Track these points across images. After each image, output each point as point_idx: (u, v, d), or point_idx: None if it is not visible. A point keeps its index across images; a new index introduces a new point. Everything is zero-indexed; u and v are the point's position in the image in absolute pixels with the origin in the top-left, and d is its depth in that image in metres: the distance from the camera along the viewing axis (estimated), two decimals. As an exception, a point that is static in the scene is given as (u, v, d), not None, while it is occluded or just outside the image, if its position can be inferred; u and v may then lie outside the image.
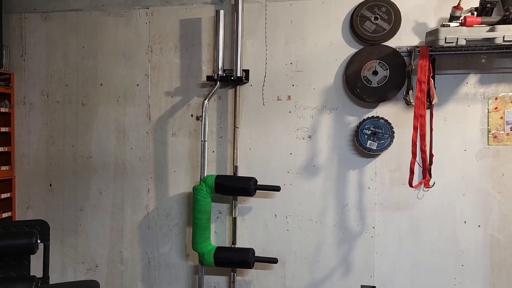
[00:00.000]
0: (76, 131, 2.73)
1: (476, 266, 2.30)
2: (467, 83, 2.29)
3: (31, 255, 2.02)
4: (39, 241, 1.95)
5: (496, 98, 2.26)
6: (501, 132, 2.25)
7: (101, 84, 2.70)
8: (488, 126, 2.26)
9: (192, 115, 2.61)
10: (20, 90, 2.78)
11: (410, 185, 2.06)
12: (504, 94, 2.26)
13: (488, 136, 2.27)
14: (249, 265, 2.41)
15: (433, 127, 2.21)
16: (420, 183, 2.17)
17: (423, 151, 2.07)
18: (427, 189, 2.32)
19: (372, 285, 2.36)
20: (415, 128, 2.04)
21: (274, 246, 2.53)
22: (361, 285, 1.74)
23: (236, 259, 2.43)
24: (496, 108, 2.26)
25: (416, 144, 2.03)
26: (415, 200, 2.36)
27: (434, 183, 2.29)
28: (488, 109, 2.27)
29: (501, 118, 2.25)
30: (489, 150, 2.27)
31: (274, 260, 2.45)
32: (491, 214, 2.28)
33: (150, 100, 2.64)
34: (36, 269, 2.12)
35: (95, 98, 2.70)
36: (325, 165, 2.46)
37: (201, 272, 2.50)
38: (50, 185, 2.76)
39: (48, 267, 2.04)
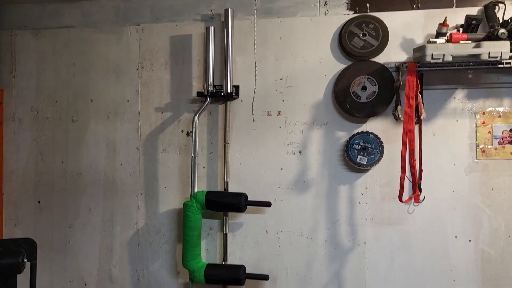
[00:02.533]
0: (66, 148, 2.72)
1: (467, 281, 2.29)
2: (455, 98, 2.32)
3: (17, 275, 1.98)
4: (25, 260, 1.92)
5: (484, 113, 2.28)
6: (489, 146, 2.26)
7: (92, 100, 2.69)
8: (476, 140, 2.28)
9: (182, 131, 2.60)
10: (9, 107, 2.76)
11: (400, 200, 2.07)
12: (491, 108, 2.29)
13: (476, 151, 2.28)
14: (240, 283, 2.39)
15: (422, 142, 2.22)
16: (410, 198, 2.17)
17: (412, 166, 2.08)
18: (417, 204, 2.32)
19: (364, 301, 2.35)
20: (404, 143, 2.05)
21: (266, 263, 2.51)
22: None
23: (227, 276, 2.40)
24: (484, 122, 2.28)
25: (406, 159, 2.04)
26: (405, 215, 2.36)
27: (424, 197, 2.30)
28: (476, 124, 2.29)
29: (489, 132, 2.27)
30: (478, 165, 2.29)
31: (265, 277, 2.43)
32: (481, 229, 2.28)
33: (141, 116, 2.64)
34: (23, 288, 2.09)
35: (85, 115, 2.70)
36: (316, 180, 2.46)
37: (192, 290, 2.47)
38: (39, 202, 2.73)
39: (34, 286, 2.00)
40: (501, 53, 1.93)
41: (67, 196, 2.71)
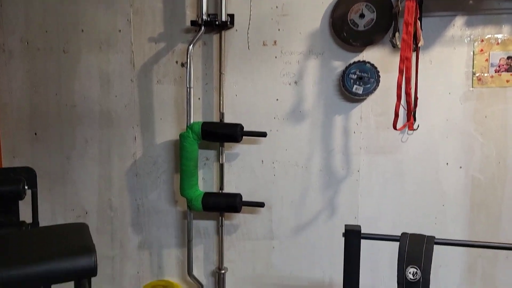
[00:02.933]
0: (59, 79, 2.68)
1: (456, 206, 2.37)
2: (454, 25, 2.28)
3: (19, 203, 2.03)
4: (26, 187, 1.96)
5: (482, 40, 2.26)
6: (485, 74, 2.26)
7: (83, 31, 2.62)
8: (473, 68, 2.27)
9: (177, 62, 2.56)
10: (-2, 37, 2.69)
11: (395, 127, 2.09)
12: (490, 36, 2.26)
13: (472, 79, 2.28)
14: (236, 210, 2.46)
15: (418, 70, 2.21)
16: (404, 126, 2.20)
17: (408, 94, 2.08)
18: (412, 132, 2.35)
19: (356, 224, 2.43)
20: (400, 71, 2.03)
21: (261, 191, 2.57)
22: (345, 225, 1.79)
23: (224, 203, 2.47)
24: (481, 50, 2.26)
25: (401, 87, 2.04)
26: (399, 144, 2.40)
27: (418, 126, 2.33)
28: (473, 52, 2.27)
29: (486, 60, 2.25)
30: (473, 93, 2.29)
31: (261, 204, 2.50)
32: (473, 156, 2.33)
33: (134, 46, 2.59)
34: (25, 216, 2.15)
35: (76, 45, 2.64)
36: (311, 111, 2.47)
37: (190, 217, 2.55)
38: (35, 134, 2.74)
39: (37, 213, 2.06)
40: (504, -25, 1.88)
41: (63, 128, 2.71)
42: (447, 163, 2.36)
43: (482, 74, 2.26)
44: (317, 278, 2.57)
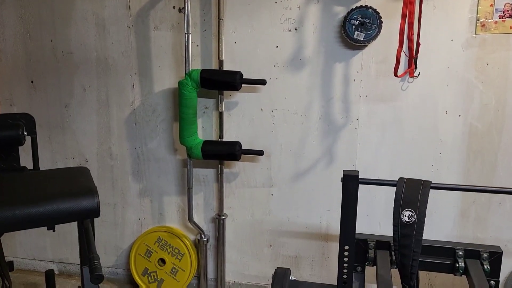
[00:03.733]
0: (54, 25, 2.62)
1: (453, 153, 2.40)
2: (460, -32, 2.21)
3: (19, 149, 2.04)
4: (25, 133, 1.96)
5: (488, -15, 2.19)
6: (489, 20, 2.22)
7: (76, -26, 2.54)
8: (477, 14, 2.22)
9: (174, 7, 2.50)
10: (-12, -19, 2.61)
11: (395, 74, 2.07)
12: (496, -20, 2.19)
13: (476, 25, 2.24)
14: (236, 158, 2.48)
15: (421, 15, 2.16)
16: (405, 73, 2.18)
17: (410, 40, 2.05)
18: (412, 79, 2.33)
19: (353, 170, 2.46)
20: (403, 16, 1.99)
21: (260, 140, 2.59)
22: (343, 170, 1.81)
23: (223, 151, 2.49)
24: (486, -5, 2.20)
25: (404, 33, 2.00)
26: (399, 92, 2.39)
27: (419, 73, 2.31)
28: (478, -3, 2.22)
29: (491, 5, 2.20)
30: (475, 40, 2.26)
31: (260, 152, 2.52)
32: (472, 104, 2.33)
33: (129, -10, 2.52)
34: (26, 163, 2.16)
35: (70, -11, 2.56)
36: (312, 58, 2.43)
37: (189, 165, 2.57)
38: (32, 82, 2.71)
39: (37, 159, 2.07)
40: None
41: (60, 75, 2.68)
42: (446, 111, 2.35)
43: (486, 20, 2.21)
44: (314, 224, 2.63)
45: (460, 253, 1.94)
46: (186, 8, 2.36)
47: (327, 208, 2.59)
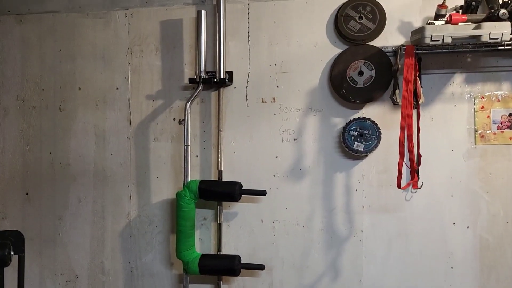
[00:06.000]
0: (54, 138, 2.63)
1: (465, 268, 2.26)
2: (453, 82, 2.27)
3: (4, 268, 1.92)
4: (12, 252, 1.85)
5: (483, 97, 2.24)
6: (488, 131, 2.23)
7: (80, 89, 2.60)
8: (475, 125, 2.24)
9: (174, 119, 2.53)
10: (-6, 96, 2.67)
11: (398, 186, 2.02)
12: (490, 93, 2.24)
13: (475, 136, 2.24)
14: (235, 273, 2.34)
15: (420, 127, 2.17)
16: (408, 184, 2.13)
17: (410, 152, 2.03)
18: (415, 190, 2.28)
19: (362, 290, 2.31)
20: (402, 128, 2.00)
21: (261, 252, 2.46)
22: (351, 291, 1.69)
23: (222, 266, 2.35)
24: (482, 107, 2.23)
25: (404, 145, 1.99)
26: (403, 202, 2.32)
27: (422, 184, 2.26)
28: (474, 109, 2.25)
29: (488, 117, 2.23)
30: (476, 150, 2.25)
31: (261, 267, 2.38)
32: (479, 215, 2.25)
33: (131, 104, 2.56)
34: (11, 283, 2.02)
35: (73, 103, 2.61)
36: (312, 168, 2.41)
37: (186, 281, 2.42)
38: (27, 194, 2.65)
39: (23, 280, 1.94)
40: (502, 34, 1.89)
41: (56, 187, 2.63)
42: (454, 223, 2.27)
43: (485, 131, 2.22)
44: None
45: None
46: (186, 120, 2.38)
47: (334, 328, 2.39)
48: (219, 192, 2.35)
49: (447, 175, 2.27)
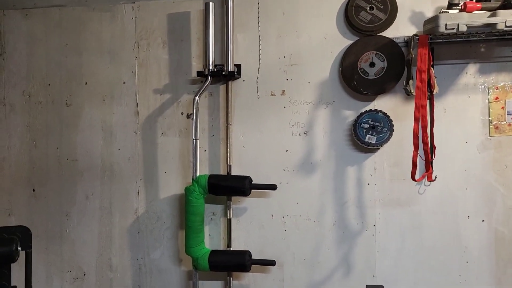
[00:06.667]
0: (60, 133, 2.60)
1: (481, 262, 2.22)
2: (467, 73, 2.23)
3: (11, 264, 1.88)
4: (19, 248, 1.82)
5: (497, 88, 2.20)
6: (502, 122, 2.18)
7: (86, 83, 2.57)
8: (489, 117, 2.20)
9: (182, 113, 2.49)
10: (0, 91, 2.63)
11: (413, 179, 1.98)
12: (504, 83, 2.20)
13: (489, 127, 2.20)
14: (246, 269, 2.30)
15: (437, 117, 2.12)
16: (423, 177, 2.09)
17: (425, 143, 1.99)
18: (429, 183, 2.24)
19: (377, 284, 2.26)
20: (416, 119, 1.96)
21: (271, 248, 2.42)
22: (366, 285, 1.64)
23: (232, 262, 2.32)
24: (497, 98, 2.19)
25: (418, 136, 1.95)
26: (416, 196, 2.28)
27: (436, 176, 2.22)
28: (488, 99, 2.21)
29: (502, 108, 2.18)
30: (491, 142, 2.20)
31: (272, 263, 2.34)
32: (495, 208, 2.21)
33: (138, 98, 2.53)
34: (18, 279, 1.98)
35: (79, 98, 2.58)
36: (323, 162, 2.37)
37: (195, 277, 2.38)
38: (33, 190, 2.62)
39: (30, 276, 1.90)
40: (518, 22, 1.85)
41: (63, 183, 2.59)
42: (468, 216, 2.23)
43: (499, 122, 2.18)
44: None
45: None
46: (194, 114, 2.35)
47: (346, 324, 2.35)
48: (229, 187, 2.31)
49: (461, 167, 2.23)
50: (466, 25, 1.89)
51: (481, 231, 2.22)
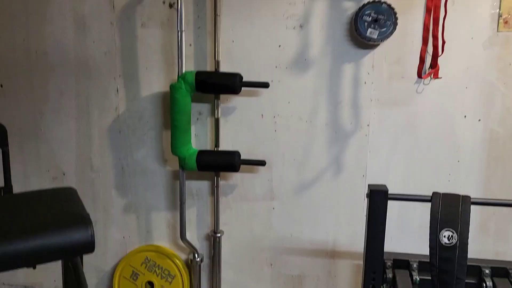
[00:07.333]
0: (27, 23, 2.31)
1: (472, 161, 2.22)
2: (479, -40, 2.04)
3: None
4: (-5, 145, 1.67)
5: (511, -22, 2.03)
6: (512, 17, 2.05)
7: (51, -37, 2.24)
8: (499, 10, 2.05)
9: (164, 2, 2.24)
10: (-52, -30, 2.28)
11: (419, 76, 1.87)
12: (518, -26, 2.03)
13: (498, 22, 2.07)
14: (235, 169, 2.23)
15: (447, 10, 1.96)
16: (429, 73, 1.98)
17: (435, 37, 1.85)
18: (428, 82, 2.14)
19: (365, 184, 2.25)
20: (428, 10, 1.80)
21: (260, 148, 2.34)
22: (369, 184, 1.60)
23: (221, 162, 2.24)
24: (509, -11, 2.03)
25: (429, 29, 1.81)
26: (414, 95, 2.19)
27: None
28: (500, -10, 2.05)
29: (514, 1, 2.04)
30: (498, 38, 2.08)
31: (262, 163, 2.28)
32: (493, 108, 2.15)
33: (113, -17, 2.24)
34: (-5, 179, 1.86)
35: (45, -19, 2.26)
36: (318, 58, 2.21)
37: (182, 177, 2.31)
38: (1, 86, 2.38)
39: (10, 175, 1.78)
40: None
41: (33, 78, 2.37)
42: (465, 116, 2.17)
43: (510, 16, 2.04)
44: (320, 240, 2.40)
45: (487, 271, 1.76)
46: (178, 3, 2.10)
47: (334, 222, 2.37)
48: (218, 84, 2.15)
49: (464, 65, 2.12)
50: None
51: (476, 131, 2.18)
